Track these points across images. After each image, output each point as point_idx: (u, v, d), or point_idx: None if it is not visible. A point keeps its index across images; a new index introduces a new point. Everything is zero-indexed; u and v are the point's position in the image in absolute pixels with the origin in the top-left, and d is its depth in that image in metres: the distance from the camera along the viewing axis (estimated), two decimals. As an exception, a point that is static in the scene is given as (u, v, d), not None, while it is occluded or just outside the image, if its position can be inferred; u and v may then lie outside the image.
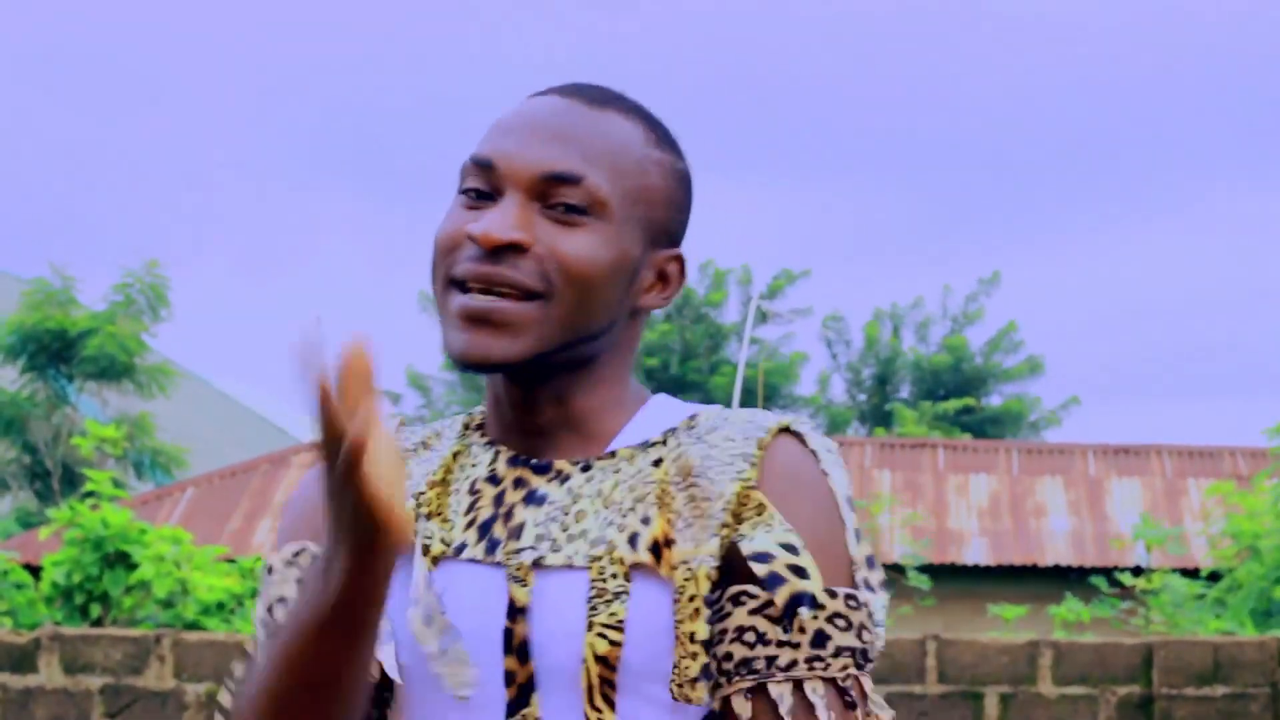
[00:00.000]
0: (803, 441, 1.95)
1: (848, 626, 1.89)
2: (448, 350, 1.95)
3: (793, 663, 1.87)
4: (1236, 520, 10.79)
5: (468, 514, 1.98)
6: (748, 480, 1.90)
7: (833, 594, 1.89)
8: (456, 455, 2.03)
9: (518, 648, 1.90)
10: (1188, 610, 10.51)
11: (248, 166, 63.09)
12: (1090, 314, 54.07)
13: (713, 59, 55.28)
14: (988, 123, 55.97)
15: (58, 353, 23.57)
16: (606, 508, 1.93)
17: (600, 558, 1.90)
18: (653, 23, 58.28)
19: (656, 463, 1.94)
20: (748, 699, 1.88)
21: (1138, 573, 11.71)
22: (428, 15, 62.13)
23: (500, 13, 58.17)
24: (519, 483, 1.97)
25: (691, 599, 1.88)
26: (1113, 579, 11.62)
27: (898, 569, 13.21)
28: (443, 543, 1.97)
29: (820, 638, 1.88)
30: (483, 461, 2.01)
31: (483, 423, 2.05)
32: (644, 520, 1.91)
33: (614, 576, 1.89)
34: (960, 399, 32.33)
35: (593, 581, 1.89)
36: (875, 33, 55.87)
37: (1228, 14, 55.39)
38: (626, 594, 1.88)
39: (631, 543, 1.90)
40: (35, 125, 61.96)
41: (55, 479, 23.53)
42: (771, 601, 1.87)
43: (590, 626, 1.88)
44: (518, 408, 1.99)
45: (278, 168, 64.57)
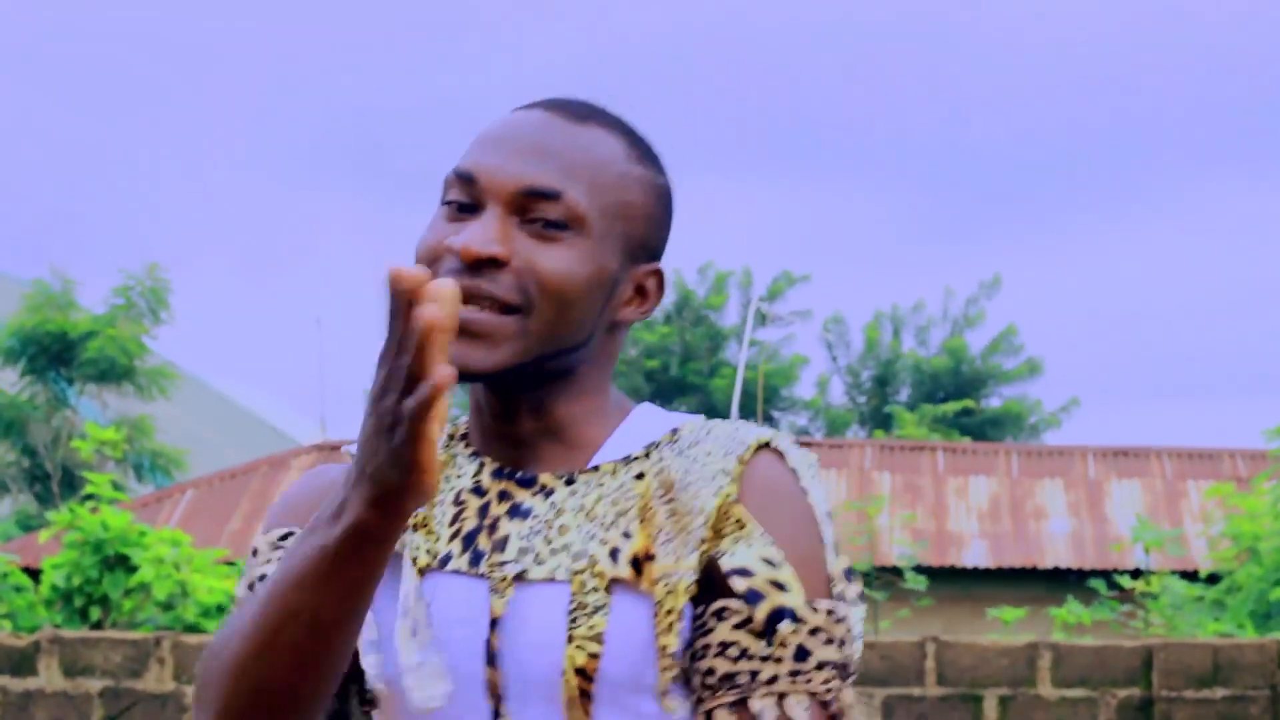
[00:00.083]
0: (782, 457, 1.97)
1: (829, 640, 1.91)
2: None
3: (775, 677, 1.89)
4: (1236, 522, 10.79)
5: (452, 525, 2.00)
6: (728, 495, 1.93)
7: (813, 608, 1.91)
8: (441, 466, 2.03)
9: (489, 657, 1.92)
10: (1187, 612, 10.51)
11: (248, 168, 63.14)
12: (1090, 316, 54.12)
13: (714, 60, 55.33)
14: (988, 125, 56.02)
15: (58, 355, 23.57)
16: (589, 521, 1.95)
17: (582, 571, 1.92)
18: (653, 24, 58.35)
19: (639, 477, 1.97)
20: (731, 713, 1.90)
21: (1137, 575, 11.72)
22: (428, 15, 62.17)
23: (501, 12, 58.22)
24: (504, 495, 1.99)
25: (669, 613, 1.90)
26: (1112, 581, 11.62)
27: (896, 571, 13.22)
28: (428, 554, 1.98)
29: (802, 652, 1.90)
30: (467, 472, 2.02)
31: (466, 433, 2.07)
32: (625, 535, 1.93)
33: (594, 590, 1.91)
34: (959, 401, 32.34)
35: (574, 595, 1.91)
36: (876, 35, 55.92)
37: (1227, 15, 55.44)
38: (606, 608, 1.90)
39: (613, 557, 1.92)
40: (35, 127, 62.01)
41: (55, 482, 23.53)
42: (752, 616, 1.89)
43: (570, 639, 1.90)
44: (498, 417, 2.00)
45: (278, 169, 64.61)
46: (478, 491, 2.00)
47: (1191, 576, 12.95)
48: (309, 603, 1.80)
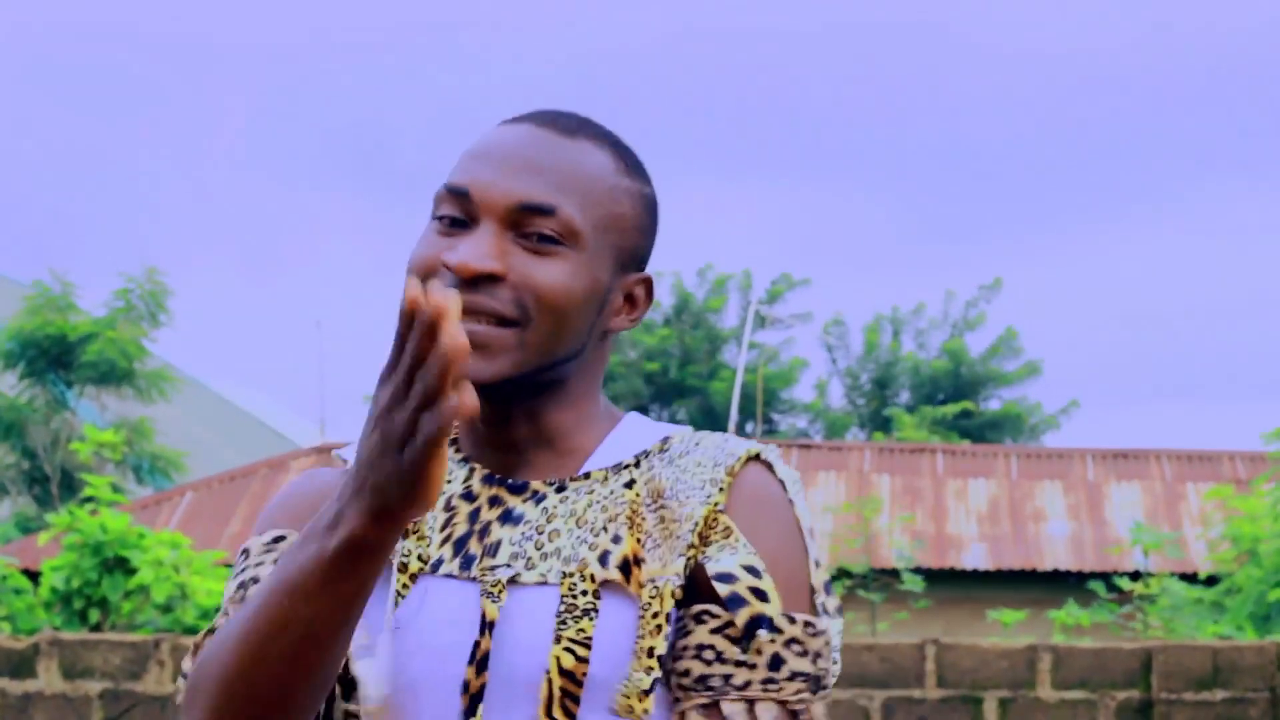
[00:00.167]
0: (771, 470, 2.01)
1: (803, 652, 1.94)
2: None
3: (748, 683, 1.93)
4: (1235, 524, 10.80)
5: (443, 530, 2.02)
6: (716, 504, 1.96)
7: (791, 619, 1.94)
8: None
9: (481, 660, 1.94)
10: (1186, 614, 10.52)
11: (247, 169, 63.16)
12: (1089, 318, 54.13)
13: (713, 62, 55.34)
14: (988, 127, 56.04)
15: (57, 358, 23.57)
16: (579, 527, 1.98)
17: (572, 574, 1.95)
18: (653, 26, 58.36)
19: (629, 484, 2.01)
20: (702, 715, 1.93)
21: (1136, 577, 11.72)
22: (428, 16, 62.19)
23: (502, 13, 58.22)
24: (494, 501, 2.02)
25: (655, 616, 1.93)
26: (1111, 584, 11.62)
27: (895, 574, 13.21)
28: (420, 560, 2.00)
29: (776, 661, 1.93)
30: (457, 478, 2.05)
31: (456, 438, 2.09)
32: (615, 539, 1.97)
33: (584, 593, 1.94)
34: (958, 403, 32.35)
35: (563, 597, 1.94)
36: (876, 36, 55.93)
37: (1227, 17, 55.47)
38: (595, 610, 1.93)
39: (602, 561, 1.96)
40: (34, 128, 62.02)
41: (54, 484, 23.52)
42: (732, 622, 1.92)
43: (558, 640, 1.92)
44: (491, 424, 2.03)
45: (278, 171, 64.63)
46: (468, 497, 2.03)
47: (1191, 579, 12.95)
48: (302, 612, 1.80)
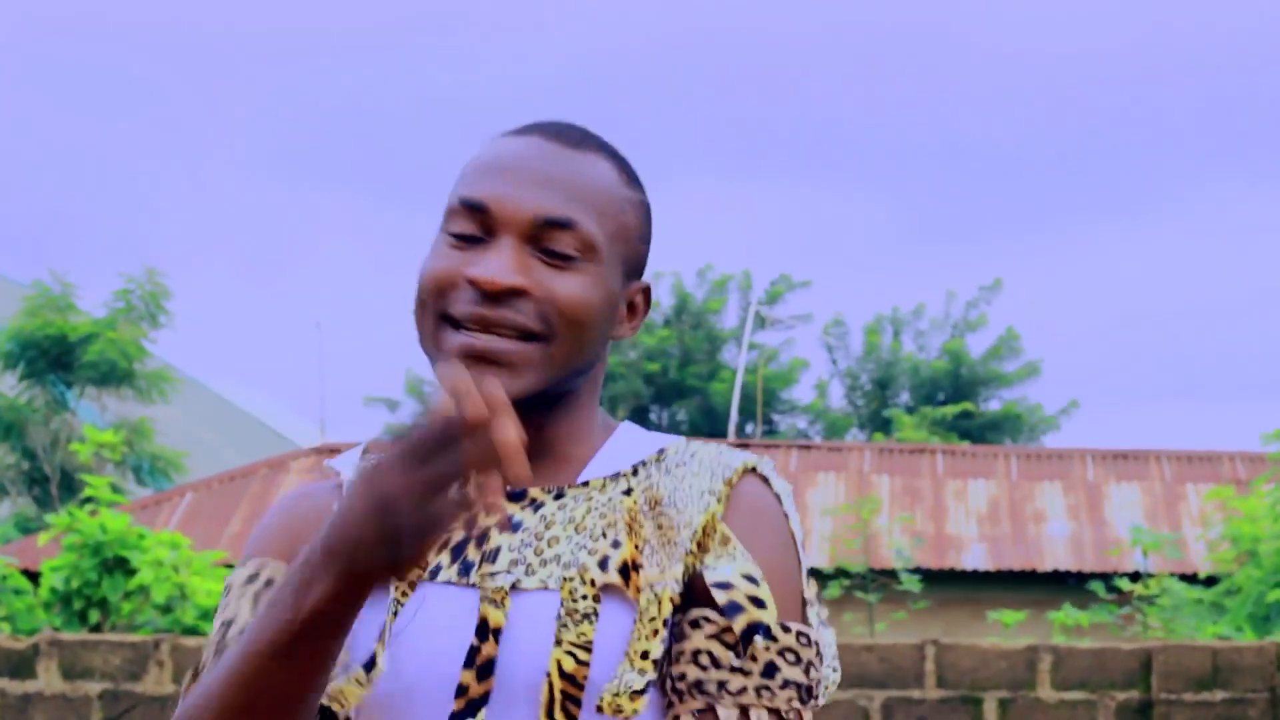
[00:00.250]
0: (767, 483, 2.04)
1: (796, 661, 1.97)
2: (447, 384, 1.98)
3: (743, 689, 1.95)
4: (1235, 524, 10.81)
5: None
6: (715, 513, 1.99)
7: (786, 628, 1.97)
8: None
9: (482, 665, 1.95)
10: (1186, 615, 10.52)
11: (247, 169, 63.14)
12: (1090, 318, 54.14)
13: (713, 63, 55.34)
14: (989, 128, 56.04)
15: (57, 359, 23.57)
16: (578, 533, 2.00)
17: (572, 579, 1.97)
18: (653, 26, 58.35)
19: (627, 492, 2.03)
20: (696, 719, 1.95)
21: (1135, 578, 11.72)
22: (428, 16, 62.18)
23: (501, 14, 58.20)
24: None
25: (651, 620, 1.95)
26: (1111, 584, 11.62)
27: (894, 574, 13.21)
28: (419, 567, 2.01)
29: (770, 669, 1.95)
30: None
31: None
32: (614, 544, 1.99)
33: (584, 598, 1.96)
34: (958, 404, 32.34)
35: (563, 602, 1.96)
36: (876, 37, 55.92)
37: (1228, 18, 55.47)
38: (595, 615, 1.95)
39: (602, 565, 1.97)
40: (34, 128, 62.00)
41: (54, 484, 23.51)
42: (729, 628, 1.95)
43: (558, 643, 1.94)
44: None
45: (278, 171, 64.62)
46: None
47: (1191, 579, 12.94)
48: (275, 674, 1.82)
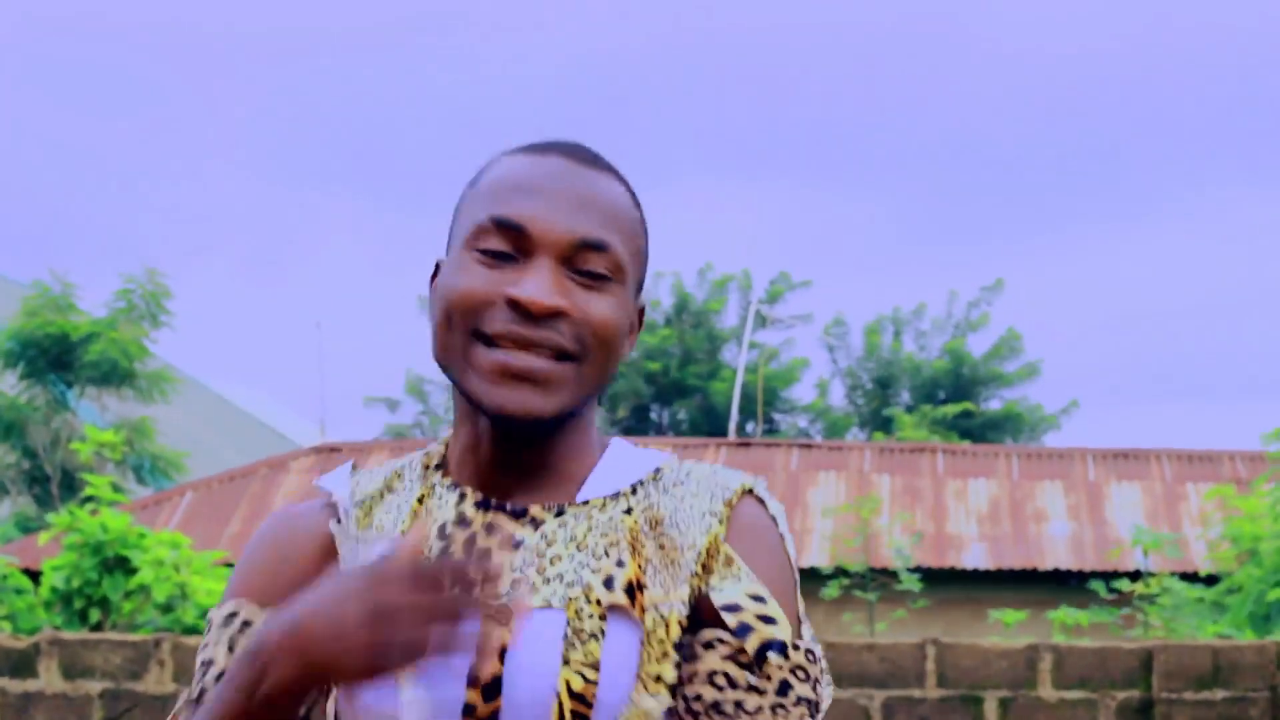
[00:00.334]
0: (763, 504, 2.07)
1: (806, 678, 2.01)
2: (483, 402, 2.00)
3: (759, 708, 1.98)
4: (1236, 524, 10.81)
5: (440, 557, 2.03)
6: (717, 535, 2.02)
7: (796, 646, 2.01)
8: (422, 499, 2.09)
9: (486, 684, 1.96)
10: (1187, 614, 10.53)
11: (247, 170, 63.16)
12: (1090, 318, 54.13)
13: (714, 63, 55.34)
14: (989, 127, 56.04)
15: (58, 358, 23.57)
16: (580, 552, 2.02)
17: (577, 598, 1.98)
18: (653, 26, 58.34)
19: (627, 511, 2.05)
20: None
21: (1136, 577, 11.72)
22: (428, 16, 62.19)
23: (501, 14, 58.20)
24: (491, 527, 2.04)
25: (660, 643, 1.98)
26: (1112, 584, 11.61)
27: (895, 574, 13.20)
28: None
29: (784, 686, 1.99)
30: (448, 503, 2.07)
31: (441, 462, 2.11)
32: (618, 564, 2.01)
33: (590, 617, 1.98)
34: (959, 404, 32.34)
35: (569, 621, 1.97)
36: (877, 37, 55.93)
37: (1230, 18, 55.47)
38: (602, 634, 1.97)
39: (607, 585, 1.99)
40: (34, 128, 62.00)
41: (54, 484, 23.52)
42: (743, 649, 1.98)
43: (567, 662, 1.96)
44: (502, 452, 2.06)
45: (278, 171, 64.63)
46: (462, 523, 2.05)
47: (1191, 578, 12.94)
48: None
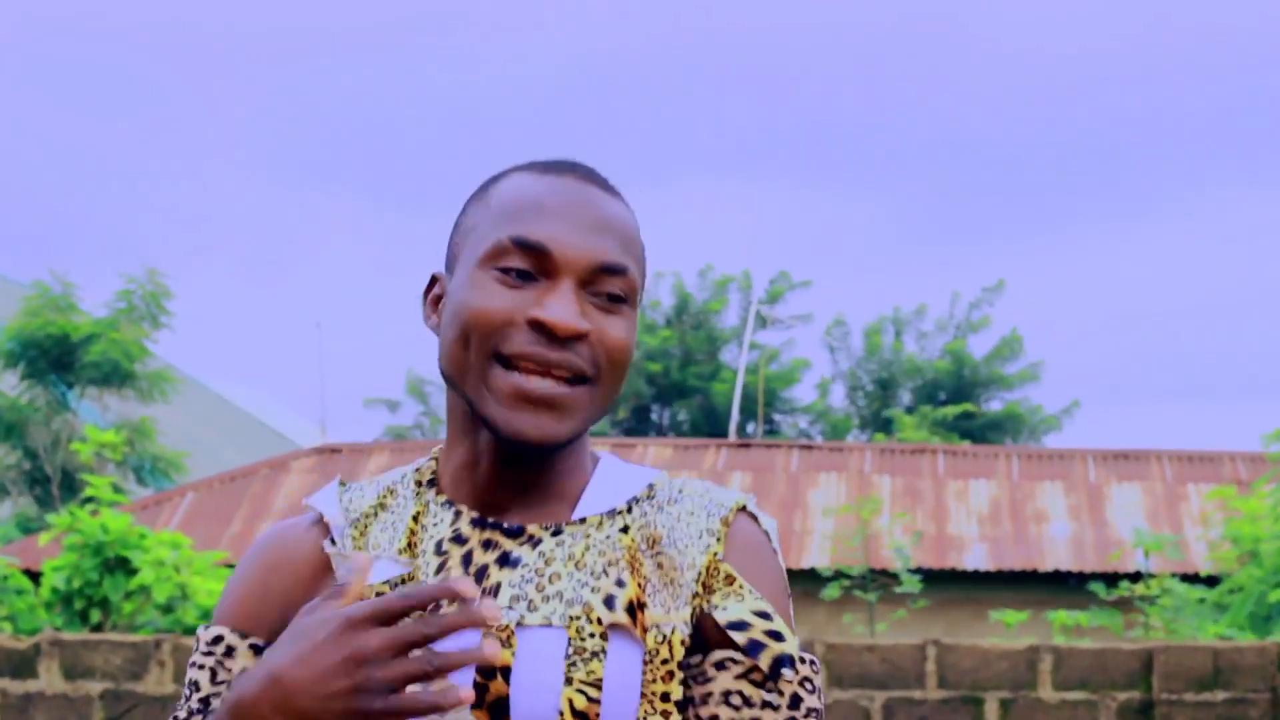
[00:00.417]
0: (756, 521, 2.09)
1: (813, 690, 2.05)
2: (499, 426, 2.00)
3: None
4: (1236, 524, 10.81)
5: (437, 575, 2.04)
6: (715, 554, 2.04)
7: (802, 659, 2.04)
8: (417, 516, 2.09)
9: (493, 704, 1.97)
10: (1187, 615, 10.53)
11: (248, 170, 63.16)
12: (1091, 318, 54.13)
13: (714, 62, 55.34)
14: (990, 128, 56.05)
15: (58, 359, 23.56)
16: (578, 570, 2.03)
17: (578, 617, 1.99)
18: (653, 26, 58.35)
19: (624, 529, 2.05)
20: None
21: (1137, 578, 11.72)
22: (428, 16, 62.20)
23: (501, 14, 58.20)
24: (488, 545, 2.05)
25: (664, 662, 1.99)
26: (1112, 585, 11.62)
27: (895, 575, 13.20)
28: None
29: (795, 700, 2.02)
30: (444, 521, 2.07)
31: (434, 478, 2.11)
32: (618, 583, 2.02)
33: (592, 636, 1.98)
34: (960, 404, 32.33)
35: (571, 640, 1.98)
36: (878, 37, 55.94)
37: (1231, 18, 55.47)
38: (604, 653, 1.98)
39: (608, 604, 2.00)
40: (35, 128, 62.01)
41: (55, 484, 23.51)
42: (756, 667, 2.00)
43: (569, 681, 1.96)
44: (502, 470, 2.06)
45: (278, 171, 64.63)
46: (458, 540, 2.05)
47: (1191, 579, 12.94)
48: None
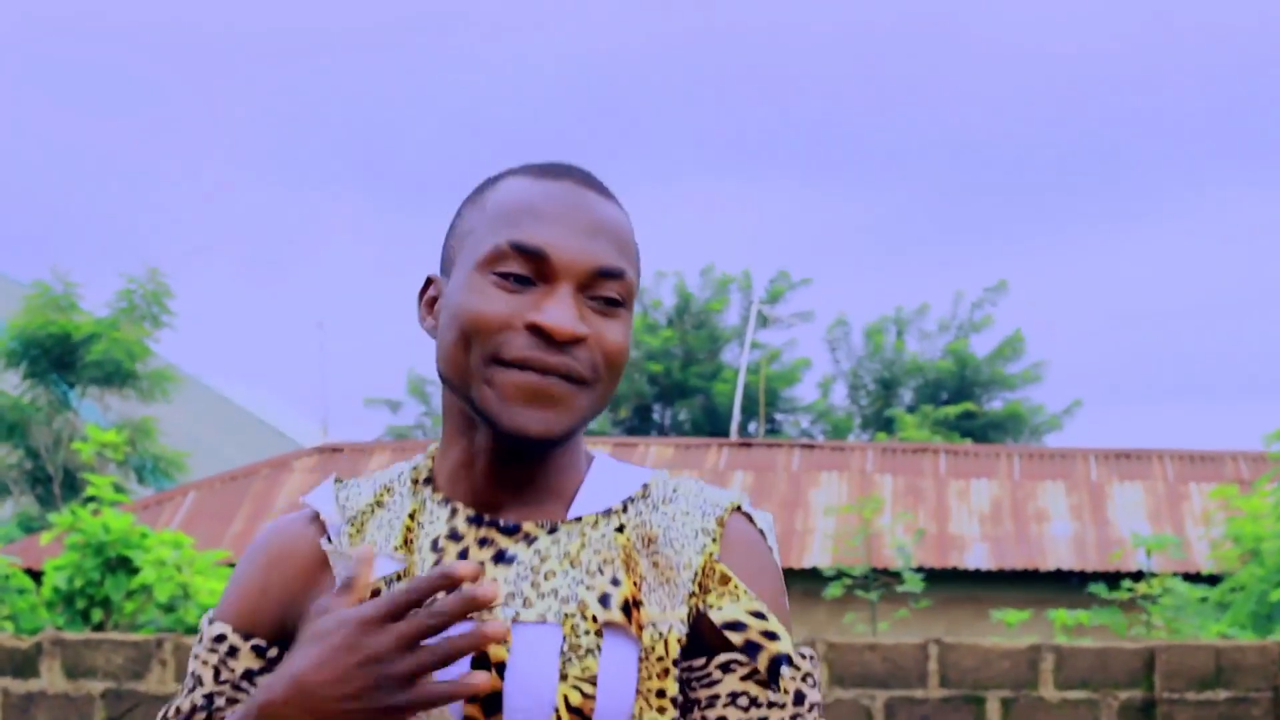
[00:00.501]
0: (751, 520, 2.11)
1: (814, 684, 2.08)
2: (501, 422, 2.02)
3: None
4: (1238, 524, 10.82)
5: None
6: (711, 553, 2.06)
7: (802, 655, 2.07)
8: (413, 514, 2.10)
9: (487, 699, 1.98)
10: (1189, 614, 10.53)
11: (248, 169, 63.17)
12: (1092, 318, 54.11)
13: (715, 61, 55.34)
14: (992, 127, 56.04)
15: (59, 358, 23.56)
16: (574, 568, 2.04)
17: (573, 614, 2.01)
18: (653, 26, 58.34)
19: (620, 529, 2.07)
20: None
21: (1138, 577, 11.72)
22: (429, 16, 62.20)
23: (502, 14, 58.20)
24: (484, 542, 2.06)
25: (660, 660, 2.01)
26: (1114, 584, 11.62)
27: (897, 574, 13.21)
28: None
29: (799, 696, 2.05)
30: (440, 518, 2.09)
31: (430, 476, 2.13)
32: (613, 581, 2.03)
33: (586, 633, 2.00)
34: (961, 404, 32.32)
35: (566, 637, 2.00)
36: (879, 36, 55.92)
37: (1232, 19, 55.46)
38: (599, 650, 2.00)
39: (603, 602, 2.02)
40: (35, 127, 62.02)
41: (56, 484, 23.51)
42: (756, 667, 2.02)
43: (564, 677, 1.98)
44: (500, 468, 2.07)
45: (278, 170, 64.63)
46: (454, 537, 2.07)
47: (1193, 579, 12.94)
48: None
